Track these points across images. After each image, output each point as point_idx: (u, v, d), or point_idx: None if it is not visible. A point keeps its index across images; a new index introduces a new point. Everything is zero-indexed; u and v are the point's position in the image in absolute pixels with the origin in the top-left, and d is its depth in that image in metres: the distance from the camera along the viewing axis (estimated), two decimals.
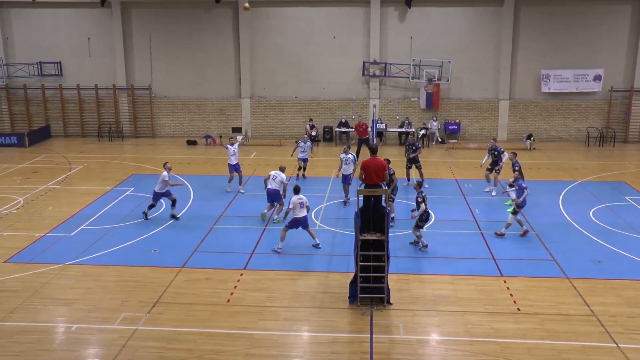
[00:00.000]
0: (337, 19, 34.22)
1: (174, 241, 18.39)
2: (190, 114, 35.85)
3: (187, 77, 35.50)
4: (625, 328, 13.18)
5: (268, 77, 35.21)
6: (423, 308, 14.10)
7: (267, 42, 34.71)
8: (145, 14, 34.90)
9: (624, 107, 34.23)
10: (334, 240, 18.48)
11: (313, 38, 34.45)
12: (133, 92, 35.64)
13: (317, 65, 34.77)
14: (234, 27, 34.65)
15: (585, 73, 33.79)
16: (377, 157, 15.17)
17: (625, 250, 17.58)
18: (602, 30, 33.47)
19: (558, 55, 33.82)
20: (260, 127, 35.69)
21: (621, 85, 34.01)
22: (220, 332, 12.98)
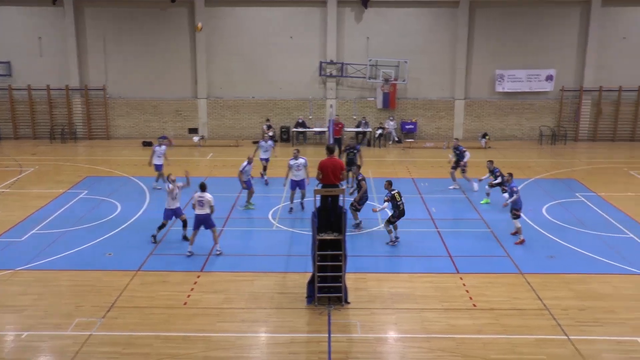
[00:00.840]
0: (294, 19, 34.20)
1: (129, 244, 18.10)
2: (146, 115, 35.38)
3: (142, 77, 35.03)
4: (575, 321, 13.52)
5: (225, 77, 34.99)
6: (381, 306, 14.19)
7: (224, 42, 34.50)
8: (99, 13, 34.30)
9: (574, 106, 35.01)
10: (291, 241, 18.46)
11: (270, 38, 34.35)
12: (87, 92, 34.99)
13: (274, 65, 34.69)
14: (190, 27, 34.33)
15: (538, 73, 34.49)
16: (335, 157, 15.20)
17: (576, 246, 18.01)
18: (553, 32, 34.22)
19: (512, 56, 34.43)
20: (217, 127, 35.44)
21: (572, 85, 34.80)
22: (177, 335, 12.84)
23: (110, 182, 25.05)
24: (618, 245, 18.13)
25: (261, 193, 22.96)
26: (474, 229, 19.55)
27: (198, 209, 17.00)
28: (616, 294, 14.86)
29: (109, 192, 23.52)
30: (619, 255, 17.25)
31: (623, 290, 15.11)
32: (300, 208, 21.50)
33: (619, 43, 34.24)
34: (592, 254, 17.41)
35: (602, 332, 13.04)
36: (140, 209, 21.56)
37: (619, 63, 34.39)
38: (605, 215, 20.99)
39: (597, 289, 15.15)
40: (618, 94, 34.66)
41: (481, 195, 22.83)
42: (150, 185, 24.02)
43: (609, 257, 17.17)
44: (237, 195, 22.60)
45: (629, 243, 18.38)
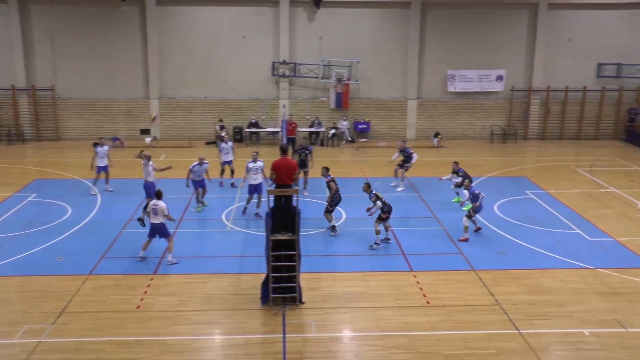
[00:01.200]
0: (247, 18, 34.04)
1: (80, 248, 17.76)
2: (97, 116, 34.71)
3: (93, 77, 34.33)
4: (525, 315, 13.86)
5: (177, 77, 34.60)
6: (335, 305, 14.26)
7: (176, 42, 34.11)
8: (46, 11, 33.48)
9: (524, 106, 35.76)
10: (245, 241, 18.40)
11: (222, 38, 34.12)
12: (34, 93, 34.15)
13: (226, 66, 34.46)
14: (141, 26, 33.85)
15: (488, 73, 35.09)
16: (288, 157, 15.21)
17: (526, 242, 18.43)
18: (502, 33, 34.88)
19: (463, 56, 34.94)
20: (169, 128, 35.03)
21: (521, 85, 35.53)
22: (130, 340, 12.68)
23: (60, 185, 24.53)
24: (566, 240, 18.63)
25: (215, 194, 22.78)
26: (427, 227, 19.81)
27: (152, 218, 16.54)
28: (564, 288, 15.27)
29: (58, 195, 23.03)
30: (566, 251, 17.71)
31: (571, 284, 15.54)
32: (254, 216, 20.67)
33: (564, 45, 35.13)
34: (541, 249, 17.84)
35: (550, 325, 13.39)
36: (92, 211, 21.17)
37: (565, 64, 35.28)
38: (553, 211, 21.51)
39: (546, 283, 15.54)
40: (565, 94, 35.53)
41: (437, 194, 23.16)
42: (102, 188, 23.54)
43: (558, 252, 17.62)
44: (190, 197, 22.39)
45: (576, 238, 18.89)
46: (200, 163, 21.10)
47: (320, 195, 23.13)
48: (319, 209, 20.75)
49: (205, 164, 21.31)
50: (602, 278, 15.89)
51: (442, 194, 23.35)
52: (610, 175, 26.76)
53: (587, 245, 18.34)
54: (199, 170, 21.10)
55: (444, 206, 22.03)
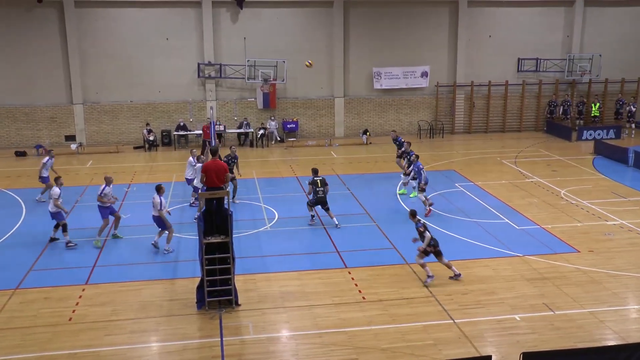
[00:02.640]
0: (169, 20, 33.50)
1: (5, 262, 17.08)
2: (17, 123, 33.43)
3: (11, 83, 33.00)
4: (459, 304, 14.21)
5: (100, 82, 33.71)
6: (271, 306, 14.24)
7: (97, 45, 33.22)
8: None
9: (449, 101, 36.60)
10: (178, 246, 18.10)
11: (145, 40, 33.45)
12: None
13: (151, 68, 33.83)
14: (60, 29, 32.78)
15: (413, 70, 35.73)
16: (218, 160, 15.07)
17: (457, 233, 18.87)
18: (425, 31, 35.62)
19: (387, 54, 35.47)
20: (96, 134, 34.11)
21: (445, 81, 36.36)
22: (63, 354, 12.30)
23: None
24: (495, 230, 19.18)
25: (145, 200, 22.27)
26: (360, 224, 20.01)
27: (152, 210, 17.57)
28: (496, 276, 15.73)
29: None
30: (496, 240, 18.25)
31: (502, 272, 16.02)
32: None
33: (485, 41, 36.19)
34: (472, 240, 18.33)
35: (484, 313, 13.76)
36: (17, 222, 20.40)
37: (487, 59, 36.38)
38: (482, 202, 22.11)
39: (478, 272, 15.97)
40: (488, 88, 36.58)
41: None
42: (30, 197, 22.70)
43: (488, 242, 18.15)
44: (121, 203, 21.86)
45: (505, 227, 19.49)
46: (108, 183, 18.53)
47: (251, 195, 23.07)
48: (250, 210, 20.72)
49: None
50: (530, 264, 16.45)
51: (372, 190, 23.64)
52: (534, 166, 27.73)
53: (515, 233, 18.95)
54: (110, 193, 18.57)
55: (375, 200, 22.28)
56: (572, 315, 13.66)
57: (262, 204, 22.08)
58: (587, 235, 18.70)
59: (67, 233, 18.14)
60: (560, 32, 36.88)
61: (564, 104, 36.38)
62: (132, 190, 23.67)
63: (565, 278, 15.60)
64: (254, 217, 20.60)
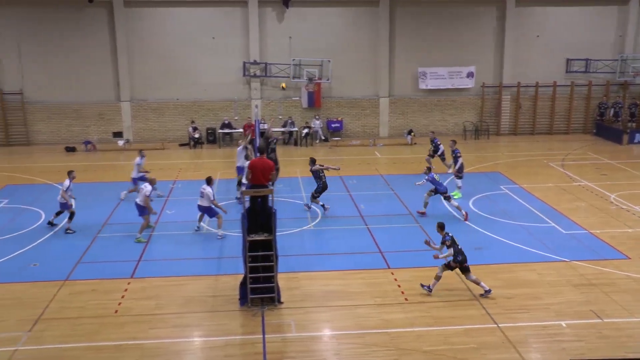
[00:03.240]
0: (216, 19, 33.86)
1: (55, 253, 17.53)
2: (68, 120, 34.25)
3: (62, 81, 33.83)
4: (503, 309, 13.99)
5: (148, 80, 34.26)
6: (314, 305, 14.26)
7: (145, 44, 33.79)
8: (11, 13, 32.89)
9: (495, 102, 36.12)
10: (222, 243, 18.30)
11: (192, 39, 33.87)
12: (2, 97, 33.58)
13: (197, 67, 34.24)
14: (109, 28, 33.45)
15: (459, 70, 35.38)
16: (264, 157, 15.15)
17: (501, 236, 18.61)
18: (472, 31, 35.19)
19: (433, 54, 35.18)
20: (142, 130, 34.70)
21: (491, 82, 35.87)
22: (109, 345, 12.55)
23: (31, 190, 24.14)
24: (541, 234, 18.84)
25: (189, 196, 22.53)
26: (403, 224, 19.89)
27: (199, 200, 18.65)
28: (540, 281, 15.45)
29: (30, 200, 22.67)
30: (542, 244, 17.93)
31: (547, 276, 15.72)
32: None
33: (533, 41, 35.56)
34: (517, 243, 18.03)
35: (528, 318, 13.53)
36: (65, 216, 20.84)
37: (535, 60, 35.75)
38: (528, 205, 21.74)
39: (522, 277, 15.71)
40: (535, 89, 35.97)
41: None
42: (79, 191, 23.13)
43: (533, 246, 17.82)
44: (166, 199, 22.21)
45: (551, 231, 19.12)
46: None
47: (294, 194, 23.16)
48: (294, 209, 20.80)
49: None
50: (577, 270, 16.11)
51: (417, 191, 23.45)
52: (582, 169, 27.15)
53: (561, 238, 18.57)
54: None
55: (419, 202, 22.09)
56: (621, 324, 13.32)
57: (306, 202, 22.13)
58: (638, 242, 18.21)
59: (70, 221, 19.39)
60: (612, 31, 35.99)
61: (615, 106, 35.52)
62: (176, 186, 23.99)
63: (614, 285, 15.22)
64: (298, 216, 20.66)
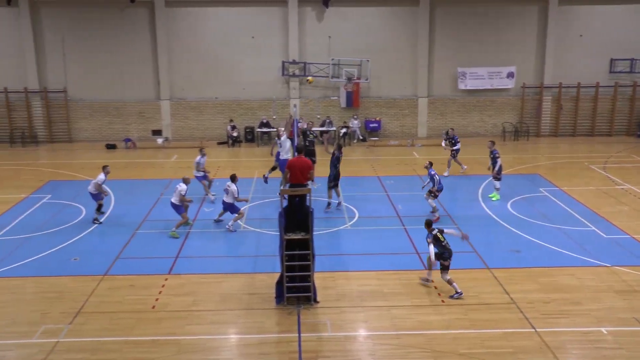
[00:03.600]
0: (255, 19, 34.07)
1: (95, 248, 17.85)
2: (109, 117, 34.87)
3: (104, 79, 34.47)
4: (541, 313, 13.76)
5: (187, 78, 34.68)
6: (349, 304, 14.23)
7: (185, 43, 34.18)
8: (56, 14, 33.66)
9: (535, 102, 35.61)
10: (258, 241, 18.41)
11: (231, 38, 34.15)
12: (46, 95, 34.35)
13: (236, 66, 34.51)
14: (150, 28, 33.95)
15: (499, 70, 34.95)
16: (303, 156, 15.19)
17: (540, 239, 18.30)
18: (512, 30, 34.73)
19: (473, 54, 34.84)
20: (181, 129, 35.12)
21: (532, 82, 35.36)
22: (146, 340, 12.72)
23: (73, 186, 24.61)
24: (581, 238, 18.48)
25: None
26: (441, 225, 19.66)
27: (224, 196, 19.07)
28: (580, 286, 15.15)
29: (72, 196, 23.11)
30: (582, 248, 17.59)
31: (587, 282, 15.41)
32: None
33: (576, 40, 34.93)
34: (556, 247, 17.73)
35: (567, 324, 13.29)
36: (106, 212, 21.24)
37: (577, 60, 35.09)
38: (568, 209, 21.36)
39: (561, 281, 15.43)
40: (577, 90, 35.34)
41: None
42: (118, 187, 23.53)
43: (573, 250, 17.50)
44: (203, 197, 22.43)
45: (591, 236, 18.74)
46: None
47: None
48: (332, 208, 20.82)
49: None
50: (619, 275, 15.77)
51: (456, 192, 23.29)
52: (625, 172, 26.57)
53: (602, 242, 18.19)
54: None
55: (456, 203, 21.94)
56: None
57: (343, 202, 22.10)
58: None
59: (98, 212, 20.31)
60: None
61: None
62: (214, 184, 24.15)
63: None
64: (335, 216, 20.66)
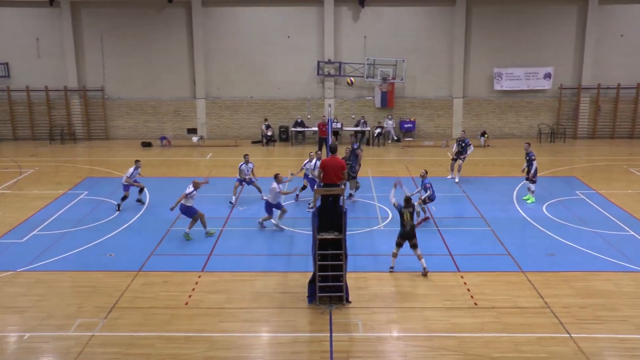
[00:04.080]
0: (291, 18, 34.20)
1: (130, 245, 18.11)
2: (145, 116, 35.36)
3: (140, 78, 35.00)
4: (577, 318, 13.52)
5: (223, 78, 34.98)
6: (382, 305, 14.20)
7: (221, 42, 34.48)
8: (95, 14, 34.27)
9: (573, 104, 35.06)
10: (292, 240, 18.47)
11: (267, 38, 34.34)
12: (85, 93, 34.97)
13: (271, 65, 34.68)
14: (187, 27, 34.32)
15: (536, 71, 34.51)
16: (336, 156, 15.20)
17: (576, 243, 18.00)
18: (550, 30, 34.24)
19: (509, 54, 34.46)
20: (216, 127, 35.43)
21: (570, 83, 34.83)
22: (179, 336, 12.85)
23: (110, 183, 25.00)
24: (618, 242, 18.13)
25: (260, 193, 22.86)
26: (475, 227, 19.55)
27: (268, 196, 19.23)
28: (617, 292, 14.86)
29: (109, 192, 23.48)
30: (619, 253, 17.25)
31: (624, 287, 15.11)
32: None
33: (616, 40, 34.28)
34: (592, 251, 17.42)
35: (604, 330, 13.04)
36: (141, 209, 21.54)
37: (617, 60, 34.44)
38: (605, 212, 20.98)
39: (598, 286, 15.15)
40: (616, 91, 34.70)
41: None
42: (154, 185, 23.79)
43: (610, 254, 17.17)
44: (238, 196, 22.57)
45: (630, 240, 18.37)
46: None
47: (365, 194, 23.09)
48: (364, 209, 20.77)
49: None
50: None
51: (490, 195, 23.07)
52: None
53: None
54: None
55: (491, 205, 21.72)
56: None
57: (376, 202, 22.07)
58: None
59: (122, 200, 21.28)
60: None
61: None
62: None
63: None
64: (368, 216, 20.63)
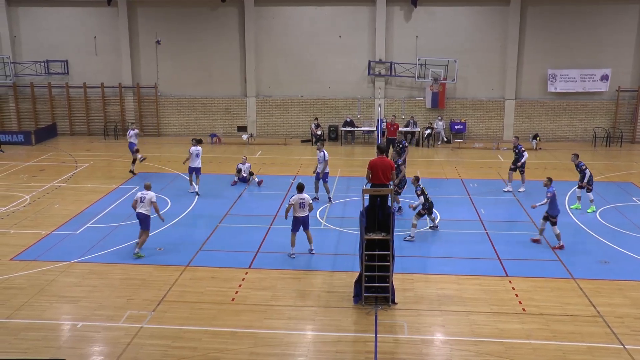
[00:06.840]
0: (343, 18, 34.20)
1: (179, 240, 18.40)
2: (196, 113, 35.89)
3: (192, 75, 35.54)
4: (631, 329, 13.12)
5: (273, 76, 35.23)
6: (428, 308, 14.08)
7: (273, 41, 34.72)
8: (151, 13, 34.95)
9: (632, 107, 34.10)
10: (339, 240, 18.48)
11: (318, 37, 34.43)
12: (139, 90, 35.69)
13: (322, 64, 34.76)
14: (239, 26, 34.68)
15: (592, 73, 33.67)
16: (385, 157, 15.13)
17: (631, 251, 17.50)
18: (609, 30, 33.33)
19: (564, 55, 33.71)
20: (266, 126, 35.70)
21: (629, 85, 33.88)
22: (225, 331, 13.00)
23: (161, 179, 25.46)
24: None
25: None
26: (524, 232, 19.21)
27: (299, 212, 16.86)
28: None
29: (159, 188, 23.83)
30: None
31: None
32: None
33: None
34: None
35: None
36: (190, 205, 21.87)
37: None
38: None
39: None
40: None
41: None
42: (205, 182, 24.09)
43: None
44: (285, 194, 22.70)
45: None
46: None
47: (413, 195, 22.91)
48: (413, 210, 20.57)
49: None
50: None
51: (540, 199, 22.59)
52: None
53: None
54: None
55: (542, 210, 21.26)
56: None
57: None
58: None
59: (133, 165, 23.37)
60: None
61: None
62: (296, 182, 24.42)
63: None
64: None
